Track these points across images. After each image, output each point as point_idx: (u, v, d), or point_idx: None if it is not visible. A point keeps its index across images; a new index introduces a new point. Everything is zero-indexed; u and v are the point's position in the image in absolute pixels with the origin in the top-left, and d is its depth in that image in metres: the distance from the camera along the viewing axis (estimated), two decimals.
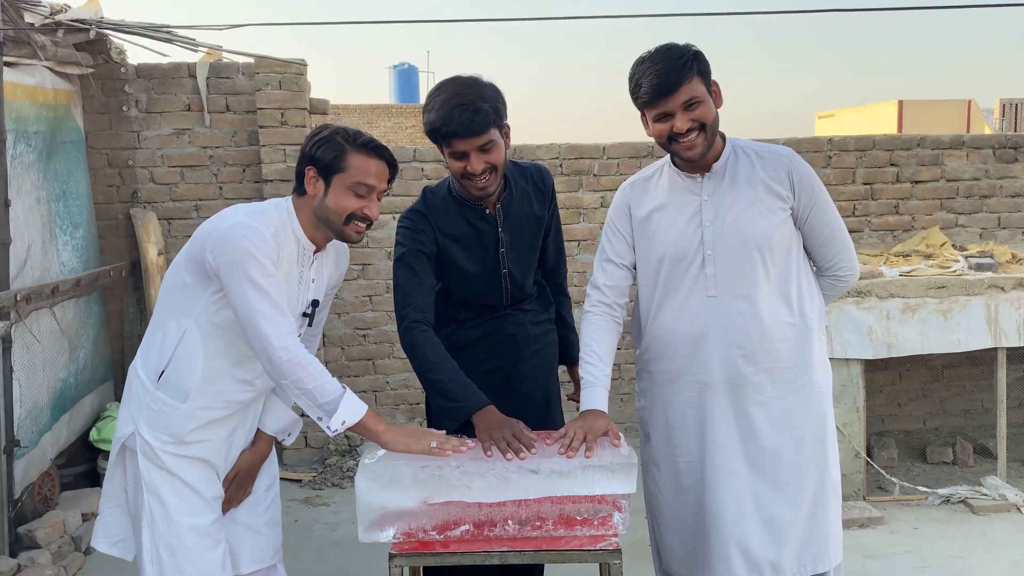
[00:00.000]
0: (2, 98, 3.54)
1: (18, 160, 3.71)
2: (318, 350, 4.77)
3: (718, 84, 2.24)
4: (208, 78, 4.76)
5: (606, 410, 2.28)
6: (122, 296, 4.73)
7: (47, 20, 4.03)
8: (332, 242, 2.28)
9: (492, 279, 2.50)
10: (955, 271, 4.44)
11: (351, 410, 2.04)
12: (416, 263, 2.39)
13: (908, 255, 4.81)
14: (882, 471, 4.34)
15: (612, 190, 2.52)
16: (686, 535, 2.34)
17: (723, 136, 2.30)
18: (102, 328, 4.49)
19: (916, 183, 5.24)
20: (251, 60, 4.74)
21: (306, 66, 4.77)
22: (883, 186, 5.22)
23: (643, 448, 2.47)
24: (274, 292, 2.03)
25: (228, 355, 2.14)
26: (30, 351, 3.66)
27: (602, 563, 2.02)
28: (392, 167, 2.19)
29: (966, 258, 4.59)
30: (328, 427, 2.03)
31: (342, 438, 4.87)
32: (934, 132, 5.44)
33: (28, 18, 3.87)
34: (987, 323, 4.16)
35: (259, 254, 2.01)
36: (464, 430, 2.25)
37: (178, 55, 7.13)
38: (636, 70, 2.19)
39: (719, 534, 2.26)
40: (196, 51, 4.63)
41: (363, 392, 4.98)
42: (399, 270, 2.40)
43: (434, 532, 2.03)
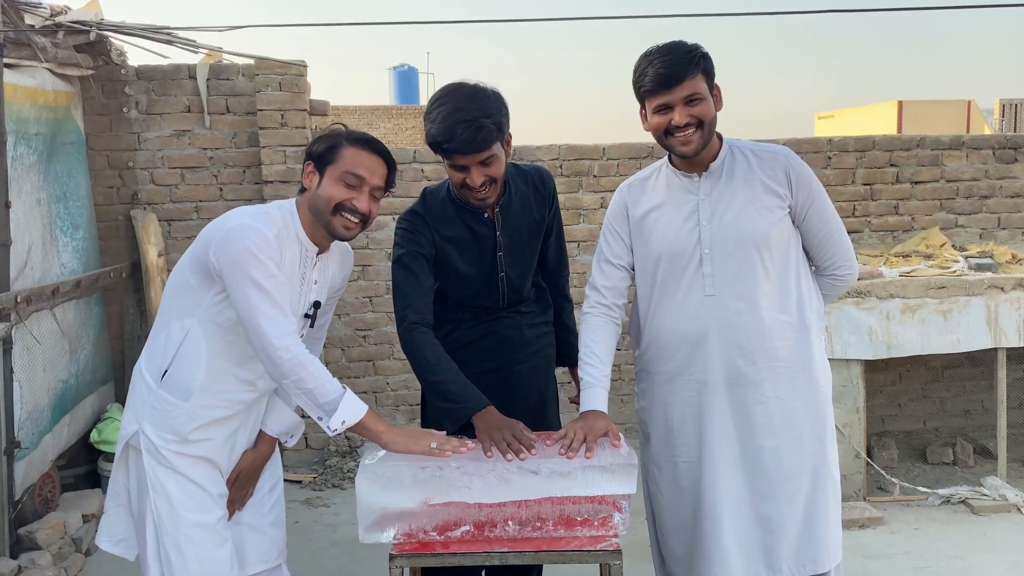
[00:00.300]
0: (2, 100, 3.54)
1: (18, 162, 3.71)
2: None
3: (719, 88, 2.26)
4: (208, 79, 4.76)
5: (606, 411, 2.29)
6: (122, 297, 4.73)
7: (47, 22, 4.03)
8: (336, 244, 2.29)
9: (489, 282, 2.50)
10: (955, 271, 4.44)
11: (351, 410, 2.05)
12: (414, 264, 2.39)
13: (908, 255, 4.82)
14: (882, 471, 4.34)
15: (612, 191, 2.53)
16: (686, 536, 2.34)
17: (720, 137, 2.31)
18: (102, 329, 4.49)
19: (916, 183, 5.24)
20: (251, 61, 4.74)
21: (306, 67, 4.77)
22: (883, 186, 5.22)
23: (643, 449, 2.47)
24: (276, 292, 2.04)
25: (231, 355, 2.15)
26: (30, 352, 3.66)
27: (602, 564, 2.02)
28: (389, 165, 2.19)
29: (966, 258, 4.60)
30: (328, 427, 2.04)
31: (342, 439, 4.87)
32: (934, 132, 5.44)
33: (28, 20, 3.87)
34: (987, 323, 4.16)
35: (261, 255, 2.02)
36: (464, 431, 2.25)
37: (178, 56, 7.11)
38: (642, 61, 2.22)
39: (716, 533, 2.26)
40: (196, 52, 4.64)
41: (363, 393, 4.98)
42: (398, 272, 2.41)
43: (434, 533, 2.03)
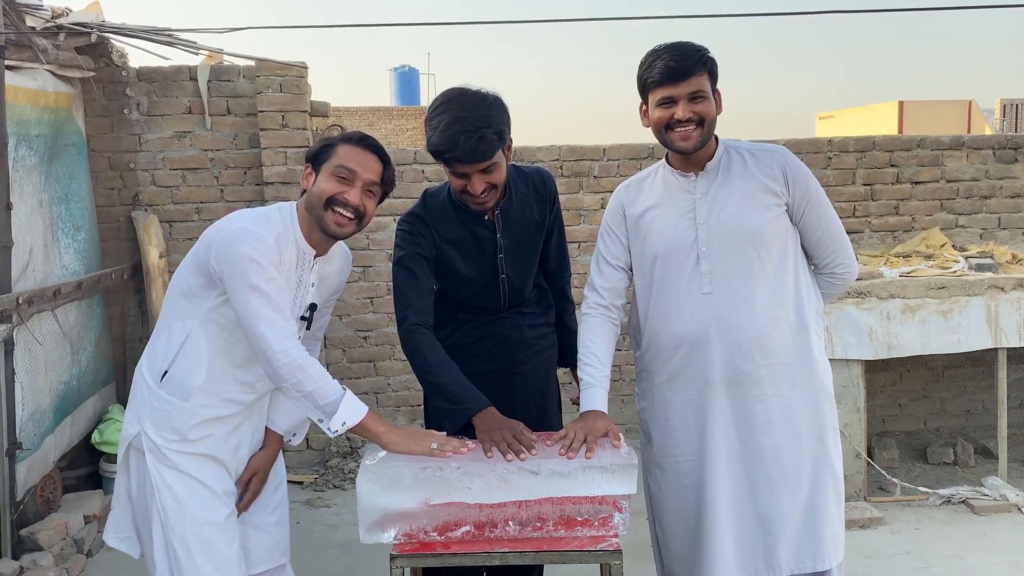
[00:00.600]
0: (4, 102, 3.55)
1: (20, 163, 3.72)
2: (320, 352, 4.83)
3: (720, 93, 2.29)
4: (209, 81, 4.77)
5: (606, 411, 2.29)
6: (124, 299, 4.73)
7: (49, 24, 4.04)
8: (335, 248, 2.29)
9: (490, 284, 2.51)
10: (955, 272, 4.44)
11: (351, 411, 2.06)
12: (415, 266, 2.40)
13: (908, 256, 4.82)
14: (883, 472, 4.34)
15: (612, 192, 2.53)
16: (688, 536, 2.34)
17: (716, 138, 2.33)
18: (104, 331, 4.50)
19: (916, 184, 5.24)
20: (252, 63, 4.75)
21: (307, 69, 4.78)
22: (883, 187, 5.22)
23: (644, 450, 2.47)
24: (276, 296, 2.05)
25: (232, 357, 2.16)
26: (32, 354, 3.67)
27: (603, 563, 2.03)
28: (383, 161, 2.19)
29: (966, 259, 4.60)
30: (329, 429, 2.04)
31: (343, 440, 4.87)
32: (934, 133, 5.44)
33: (30, 22, 3.88)
34: (987, 323, 4.17)
35: (261, 259, 2.03)
36: (465, 432, 2.25)
37: (179, 58, 7.15)
38: (650, 55, 2.24)
39: (716, 530, 2.27)
40: (197, 54, 4.65)
41: (364, 394, 4.98)
42: (398, 273, 2.41)
43: (435, 533, 2.04)
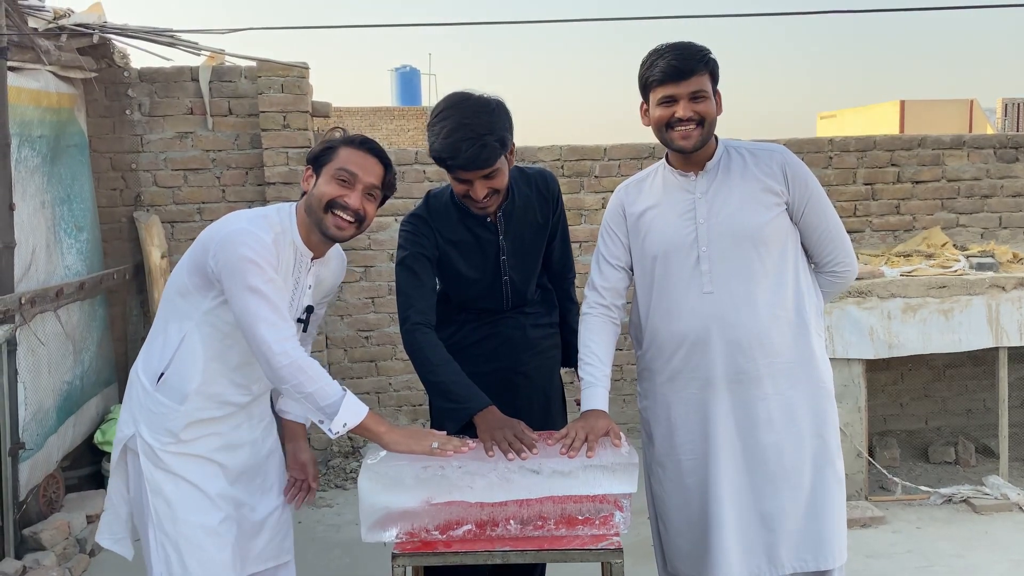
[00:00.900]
0: (6, 102, 3.56)
1: (22, 164, 3.73)
2: (320, 352, 4.83)
3: (720, 95, 2.29)
4: (210, 82, 4.78)
5: (607, 410, 2.30)
6: (126, 299, 4.75)
7: (51, 25, 4.05)
8: (332, 251, 2.30)
9: (493, 285, 2.51)
10: (956, 271, 4.44)
11: (352, 412, 2.06)
12: (417, 266, 2.40)
13: (909, 255, 4.82)
14: (884, 471, 4.35)
15: (613, 191, 2.54)
16: (693, 535, 2.35)
17: (716, 137, 2.33)
18: (106, 331, 4.51)
19: (917, 183, 5.24)
20: (253, 63, 4.75)
21: (308, 69, 4.78)
22: (884, 186, 5.22)
23: (646, 450, 2.47)
24: (275, 297, 2.04)
25: (228, 359, 2.15)
26: (35, 354, 3.67)
27: (604, 562, 2.03)
28: (384, 165, 2.19)
29: (967, 258, 4.60)
30: (330, 429, 2.04)
31: (345, 440, 4.88)
32: (935, 132, 5.45)
33: (32, 23, 3.89)
34: (988, 323, 4.17)
35: (260, 260, 2.03)
36: (466, 431, 2.26)
37: (181, 59, 7.17)
38: (652, 55, 2.25)
39: (720, 528, 2.27)
40: (199, 55, 4.65)
41: (366, 394, 4.99)
42: (401, 273, 2.42)
43: (436, 532, 2.04)
